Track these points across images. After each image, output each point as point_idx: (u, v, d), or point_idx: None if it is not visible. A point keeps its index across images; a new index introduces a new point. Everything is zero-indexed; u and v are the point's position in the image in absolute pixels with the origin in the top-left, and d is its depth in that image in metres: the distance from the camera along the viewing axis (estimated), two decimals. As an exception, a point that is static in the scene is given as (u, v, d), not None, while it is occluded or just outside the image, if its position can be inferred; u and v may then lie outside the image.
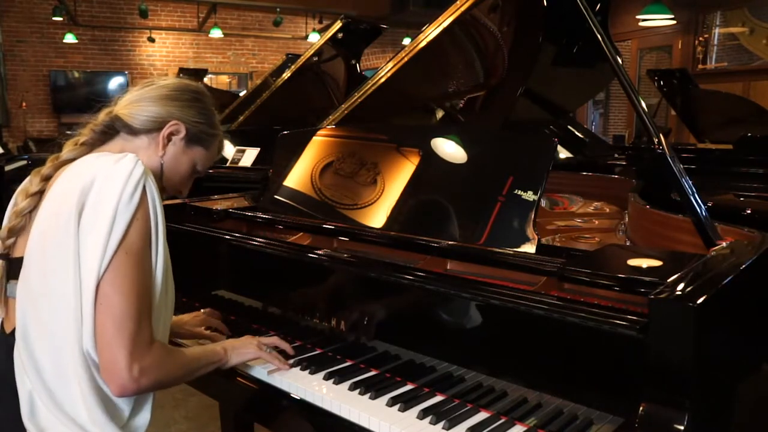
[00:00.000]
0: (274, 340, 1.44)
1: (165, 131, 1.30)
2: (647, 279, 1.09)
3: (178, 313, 1.71)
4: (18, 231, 1.20)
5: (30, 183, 1.23)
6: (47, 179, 1.22)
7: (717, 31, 8.22)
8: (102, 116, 1.31)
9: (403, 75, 2.05)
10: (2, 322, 1.24)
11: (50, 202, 1.16)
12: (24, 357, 1.14)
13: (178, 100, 1.32)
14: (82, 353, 1.11)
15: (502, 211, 1.42)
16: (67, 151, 1.26)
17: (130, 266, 1.11)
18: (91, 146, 1.28)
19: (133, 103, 1.30)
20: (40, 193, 1.21)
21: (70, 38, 9.93)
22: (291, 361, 1.42)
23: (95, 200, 1.11)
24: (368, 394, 1.26)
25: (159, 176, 1.31)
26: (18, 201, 1.22)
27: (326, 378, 1.34)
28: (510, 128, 2.38)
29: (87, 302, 1.09)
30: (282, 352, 1.42)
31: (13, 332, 1.17)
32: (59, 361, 1.12)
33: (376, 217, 1.58)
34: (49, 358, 1.13)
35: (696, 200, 1.35)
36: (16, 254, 1.20)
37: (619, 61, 1.57)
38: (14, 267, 1.20)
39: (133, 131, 1.30)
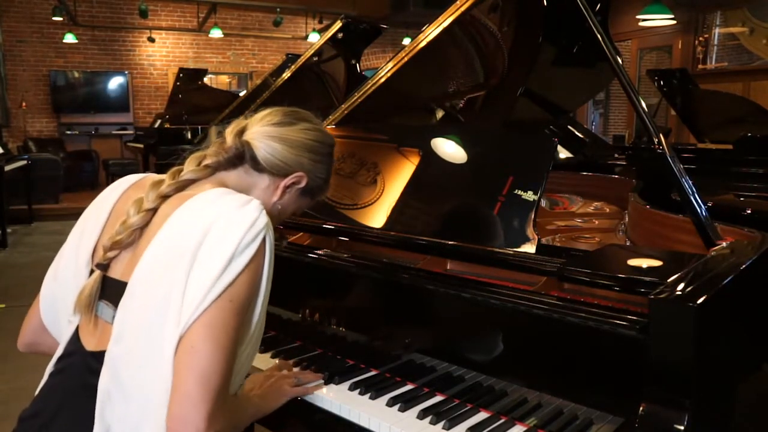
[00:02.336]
0: (285, 365, 1.40)
1: (289, 180, 1.24)
2: (647, 279, 1.09)
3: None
4: (124, 246, 1.11)
5: (146, 197, 1.13)
6: (165, 197, 1.13)
7: (717, 31, 8.22)
8: (231, 137, 1.23)
9: (403, 75, 2.05)
10: (78, 331, 1.14)
11: (166, 237, 1.06)
12: (112, 387, 1.04)
13: (313, 153, 1.26)
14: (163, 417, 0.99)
15: (502, 211, 1.42)
16: (189, 170, 1.18)
17: (231, 315, 1.01)
18: (214, 170, 1.20)
19: (270, 137, 1.22)
20: (153, 211, 1.12)
21: (70, 38, 9.94)
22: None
23: (212, 243, 1.02)
24: (368, 394, 1.26)
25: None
26: (130, 213, 1.12)
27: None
28: (510, 128, 2.38)
29: (173, 335, 0.99)
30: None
31: (95, 353, 1.09)
32: (142, 409, 1.01)
33: (376, 217, 1.58)
34: (136, 398, 1.02)
35: (696, 200, 1.35)
36: (113, 273, 1.11)
37: (619, 61, 1.56)
38: (109, 287, 1.11)
39: (259, 168, 1.22)
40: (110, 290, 1.10)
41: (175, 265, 1.02)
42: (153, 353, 1.00)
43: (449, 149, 1.61)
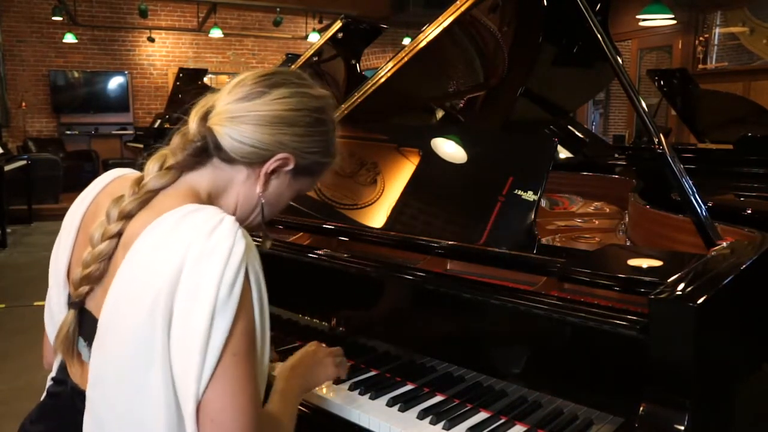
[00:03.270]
0: (339, 350, 1.32)
1: (270, 165, 1.03)
2: (647, 279, 1.09)
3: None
4: (95, 279, 0.97)
5: (108, 220, 0.97)
6: (129, 217, 0.97)
7: (717, 30, 8.21)
8: (195, 124, 1.02)
9: (403, 75, 2.05)
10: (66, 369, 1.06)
11: (130, 275, 0.92)
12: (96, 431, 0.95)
13: (295, 126, 1.03)
14: None
15: (502, 211, 1.42)
16: (150, 177, 1.00)
17: (241, 367, 0.89)
18: (180, 171, 1.02)
19: (235, 119, 1.00)
20: (119, 235, 0.97)
21: (69, 38, 9.93)
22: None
23: (187, 294, 0.87)
24: (368, 394, 1.26)
25: (251, 210, 1.08)
26: (95, 239, 0.97)
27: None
28: (510, 128, 2.38)
29: (188, 416, 0.88)
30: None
31: (80, 391, 1.00)
32: None
33: (376, 217, 1.58)
34: None
35: (696, 200, 1.35)
36: (90, 306, 1.00)
37: (620, 61, 1.56)
38: (86, 321, 1.00)
39: (229, 159, 1.02)
40: (87, 326, 0.99)
41: (148, 317, 0.87)
42: (135, 408, 0.90)
43: (449, 149, 1.61)
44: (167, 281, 0.87)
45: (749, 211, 2.25)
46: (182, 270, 0.87)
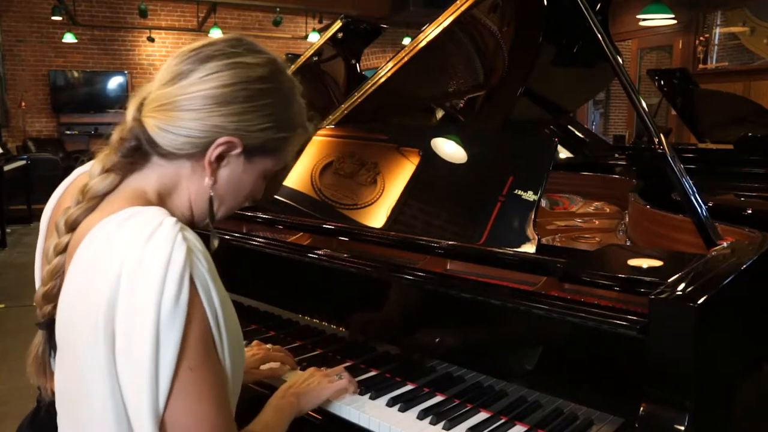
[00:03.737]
0: (340, 369, 1.28)
1: (211, 154, 0.92)
2: (647, 279, 1.09)
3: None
4: (54, 296, 0.91)
5: (59, 233, 0.92)
6: (75, 227, 0.92)
7: (717, 30, 8.22)
8: (129, 119, 0.94)
9: (403, 75, 2.05)
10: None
11: (72, 289, 0.87)
12: None
13: (231, 104, 0.91)
14: None
15: (502, 211, 1.42)
16: (94, 182, 0.93)
17: (200, 380, 0.84)
18: (122, 174, 0.94)
19: (161, 108, 0.90)
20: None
21: (69, 38, 9.93)
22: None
23: (127, 309, 0.80)
24: (368, 394, 1.26)
25: (207, 207, 0.98)
26: (49, 254, 0.92)
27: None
28: (510, 128, 2.38)
29: None
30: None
31: (54, 404, 0.96)
32: None
33: (376, 217, 1.58)
34: None
35: (696, 200, 1.35)
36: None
37: (620, 60, 1.56)
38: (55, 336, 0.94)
39: (167, 154, 0.93)
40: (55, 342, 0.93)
41: (91, 335, 0.82)
42: (90, 427, 0.85)
43: (449, 149, 1.61)
44: (105, 296, 0.80)
45: (749, 211, 2.24)
46: (119, 283, 0.80)
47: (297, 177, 1.81)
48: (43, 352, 0.97)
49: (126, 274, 0.80)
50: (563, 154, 2.88)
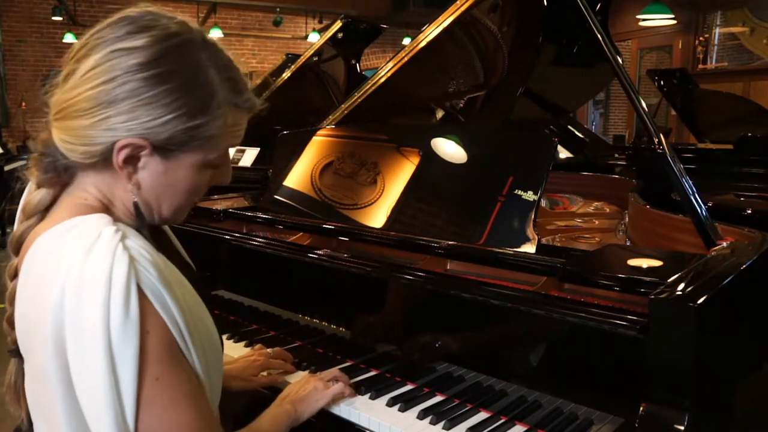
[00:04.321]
0: (334, 372, 1.27)
1: (117, 160, 0.83)
2: (647, 279, 1.09)
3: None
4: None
5: (9, 255, 0.90)
6: (20, 245, 0.89)
7: (717, 30, 8.22)
8: (45, 132, 0.87)
9: (403, 75, 2.05)
10: None
11: (20, 306, 0.84)
12: None
13: (117, 102, 0.80)
14: None
15: (502, 211, 1.42)
16: (31, 196, 0.89)
17: (169, 388, 0.81)
18: (56, 186, 0.89)
19: (60, 116, 0.84)
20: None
21: (69, 38, 9.92)
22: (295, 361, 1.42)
23: (75, 328, 0.77)
24: (368, 394, 1.26)
25: (148, 211, 0.91)
26: (7, 278, 0.90)
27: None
28: (510, 128, 2.38)
29: None
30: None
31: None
32: None
33: (376, 217, 1.58)
34: None
35: (696, 200, 1.35)
36: None
37: (620, 61, 1.56)
38: None
39: (83, 165, 0.86)
40: None
41: (43, 358, 0.79)
42: None
43: (449, 149, 1.61)
44: (50, 314, 0.77)
45: (749, 211, 2.25)
46: (63, 301, 0.77)
47: (297, 177, 1.81)
48: (16, 380, 0.93)
49: (68, 292, 0.77)
50: (563, 154, 2.88)
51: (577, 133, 3.05)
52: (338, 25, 3.92)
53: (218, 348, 0.95)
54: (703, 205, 1.36)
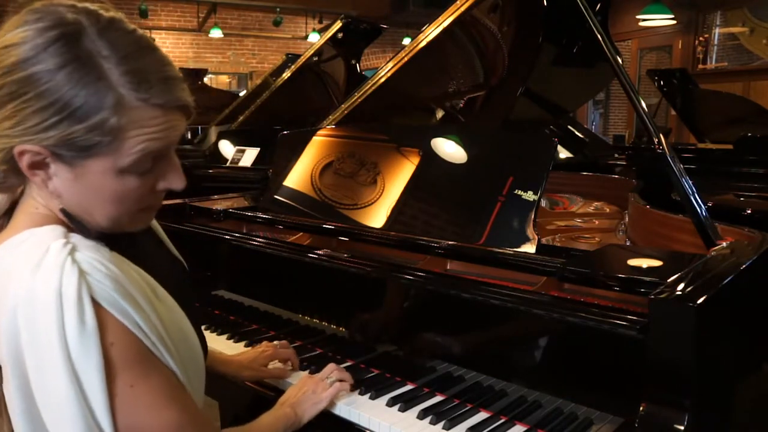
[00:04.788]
0: (333, 370, 1.27)
1: (22, 166, 0.78)
2: (647, 279, 1.09)
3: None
4: None
5: None
6: None
7: (717, 31, 8.21)
8: None
9: (403, 75, 2.05)
10: None
11: None
12: None
13: (4, 105, 0.76)
14: None
15: (502, 211, 1.42)
16: None
17: (147, 391, 0.80)
18: (11, 191, 0.86)
19: None
20: None
21: (70, 38, 9.92)
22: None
23: (31, 348, 0.75)
24: (368, 394, 1.26)
25: (87, 217, 0.84)
26: None
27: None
28: (510, 128, 2.38)
29: None
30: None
31: None
32: None
33: (376, 217, 1.58)
34: None
35: (696, 200, 1.35)
36: None
37: (619, 61, 1.56)
38: None
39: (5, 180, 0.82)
40: None
41: (4, 377, 0.78)
42: None
43: (449, 149, 1.61)
44: (5, 331, 0.75)
45: (749, 211, 2.25)
46: (17, 318, 0.74)
47: (297, 177, 1.82)
48: None
49: (21, 308, 0.74)
50: (563, 154, 2.88)
51: (577, 133, 3.05)
52: (338, 25, 3.92)
53: (194, 347, 0.93)
54: (703, 205, 1.36)
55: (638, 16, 6.95)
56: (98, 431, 0.77)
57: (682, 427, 0.94)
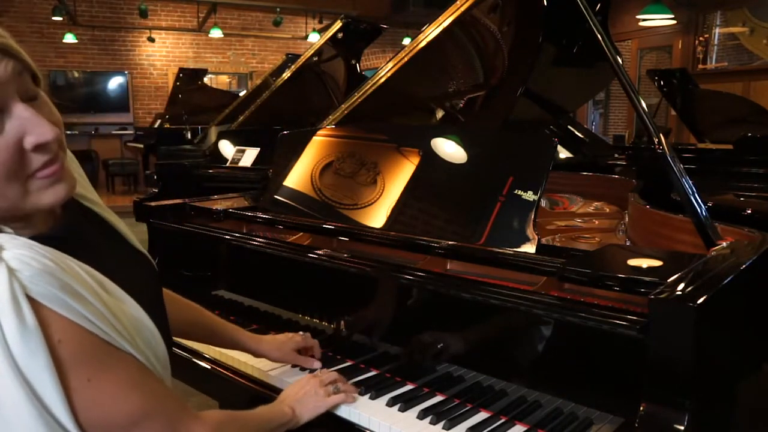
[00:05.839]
0: (334, 375, 1.27)
1: None
2: (647, 279, 1.09)
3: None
4: None
5: None
6: None
7: (717, 31, 8.22)
8: None
9: (403, 75, 2.05)
10: None
11: None
12: None
13: None
14: None
15: (502, 211, 1.42)
16: None
17: (110, 382, 0.80)
18: None
19: None
20: None
21: (70, 38, 9.93)
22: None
23: None
24: (368, 394, 1.26)
25: None
26: None
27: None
28: (510, 128, 2.38)
29: None
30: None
31: None
32: None
33: (376, 217, 1.58)
34: None
35: (696, 200, 1.35)
36: None
37: (619, 61, 1.56)
38: None
39: None
40: None
41: None
42: None
43: (449, 149, 1.61)
44: None
45: (749, 211, 2.24)
46: None
47: (297, 177, 1.82)
48: None
49: None
50: (563, 154, 2.88)
51: (577, 133, 3.05)
52: (338, 25, 3.92)
53: (153, 337, 0.90)
54: (703, 205, 1.36)
55: (638, 16, 6.95)
56: (62, 430, 0.76)
57: (682, 427, 0.94)
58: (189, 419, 0.90)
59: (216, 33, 10.59)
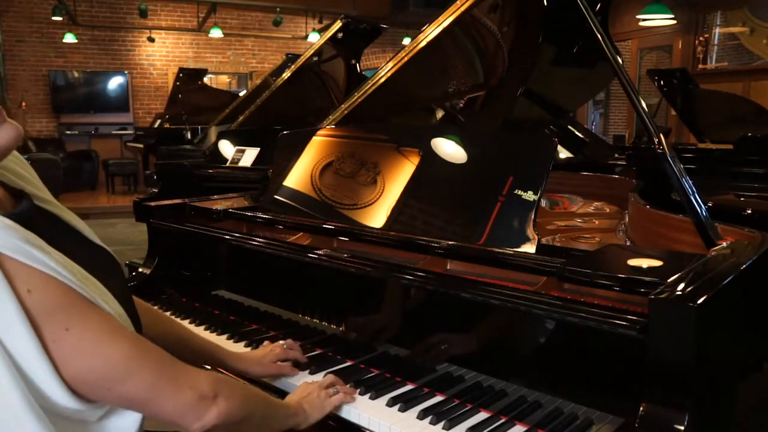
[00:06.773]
0: (330, 379, 1.28)
1: None
2: (647, 279, 1.09)
3: (180, 316, 1.71)
4: None
5: None
6: None
7: (717, 30, 8.22)
8: None
9: (403, 75, 2.05)
10: None
11: None
12: None
13: None
14: None
15: (502, 211, 1.42)
16: None
17: (89, 328, 0.79)
18: None
19: None
20: None
21: (69, 38, 9.94)
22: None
23: None
24: (368, 394, 1.26)
25: None
26: None
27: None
28: (510, 128, 2.38)
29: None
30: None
31: None
32: None
33: (376, 217, 1.58)
34: None
35: (696, 200, 1.35)
36: None
37: (619, 60, 1.56)
38: None
39: None
40: None
41: None
42: None
43: (449, 149, 1.61)
44: None
45: (749, 211, 2.24)
46: None
47: (297, 177, 1.81)
48: None
49: None
50: (563, 154, 2.88)
51: (577, 133, 3.05)
52: (338, 25, 3.92)
53: (121, 318, 0.88)
54: (703, 205, 1.36)
55: (638, 16, 6.95)
56: (37, 390, 0.74)
57: (682, 427, 0.94)
58: (183, 369, 0.87)
59: (216, 33, 10.59)
